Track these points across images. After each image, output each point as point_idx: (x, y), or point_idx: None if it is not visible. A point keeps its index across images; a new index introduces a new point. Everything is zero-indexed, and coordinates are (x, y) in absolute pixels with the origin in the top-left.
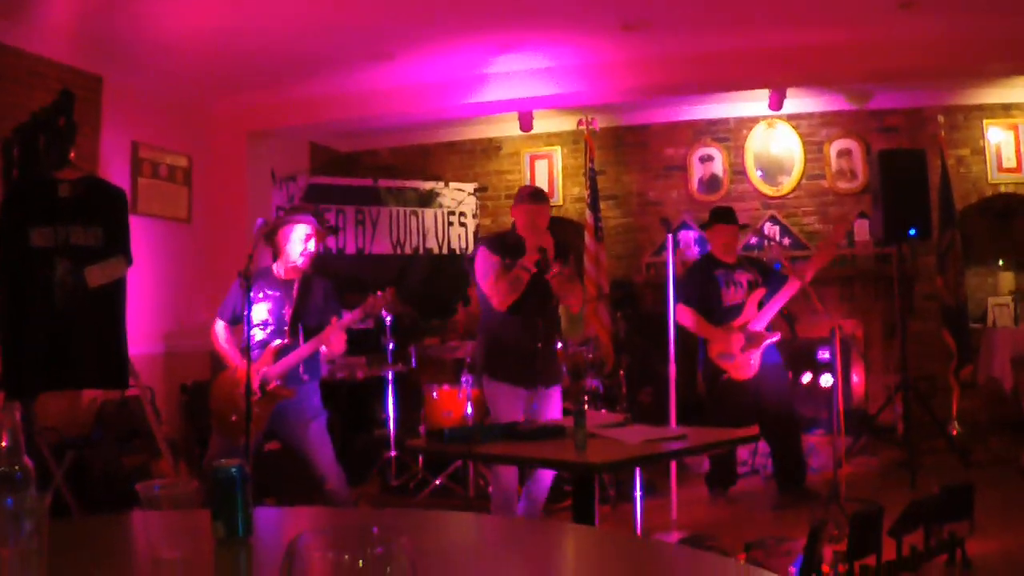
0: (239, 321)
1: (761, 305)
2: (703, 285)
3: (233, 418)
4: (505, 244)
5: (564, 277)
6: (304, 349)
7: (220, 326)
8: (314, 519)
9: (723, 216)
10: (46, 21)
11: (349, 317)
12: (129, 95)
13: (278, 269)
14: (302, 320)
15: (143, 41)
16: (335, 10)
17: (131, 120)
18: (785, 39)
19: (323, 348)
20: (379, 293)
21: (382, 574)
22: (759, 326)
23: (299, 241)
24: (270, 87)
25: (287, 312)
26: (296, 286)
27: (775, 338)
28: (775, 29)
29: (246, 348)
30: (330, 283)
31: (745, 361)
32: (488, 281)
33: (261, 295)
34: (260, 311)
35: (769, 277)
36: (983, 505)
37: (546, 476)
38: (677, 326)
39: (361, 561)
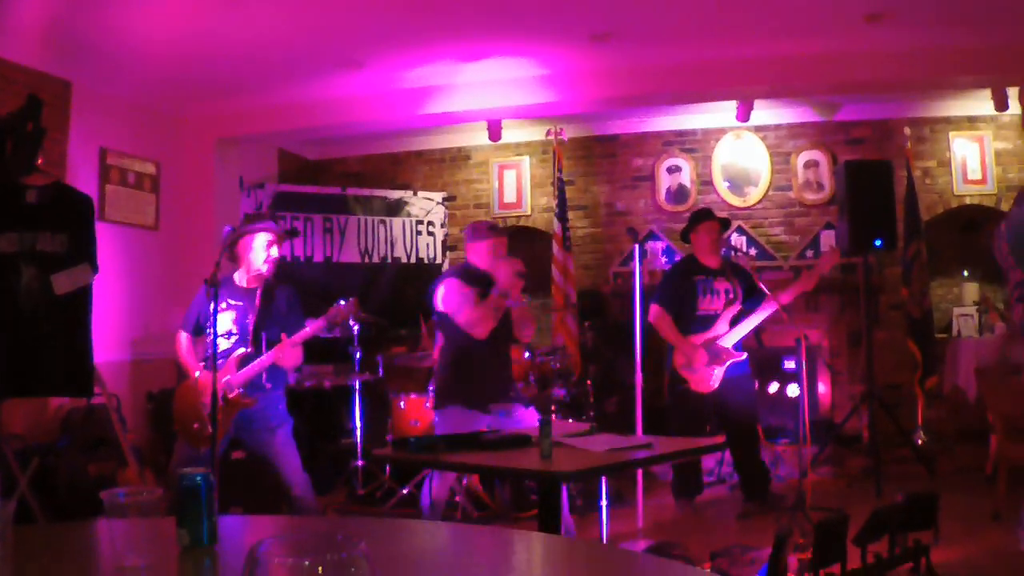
0: (202, 331)
1: (734, 322)
2: (680, 289)
3: (195, 426)
4: (472, 277)
5: (526, 307)
6: (266, 358)
7: (183, 336)
8: (278, 527)
9: (704, 215)
10: (15, 25)
11: (313, 326)
12: (97, 101)
13: (240, 278)
14: (265, 329)
15: (112, 47)
16: (304, 18)
17: (99, 126)
18: (753, 51)
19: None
20: (342, 302)
21: None
22: (728, 343)
23: (261, 248)
24: (239, 94)
25: (251, 321)
26: (259, 294)
27: (740, 357)
28: (743, 41)
29: (211, 357)
30: (293, 290)
31: (706, 376)
32: (467, 312)
33: (225, 304)
34: (224, 320)
35: (750, 293)
36: (948, 514)
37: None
38: (646, 329)
39: (321, 567)
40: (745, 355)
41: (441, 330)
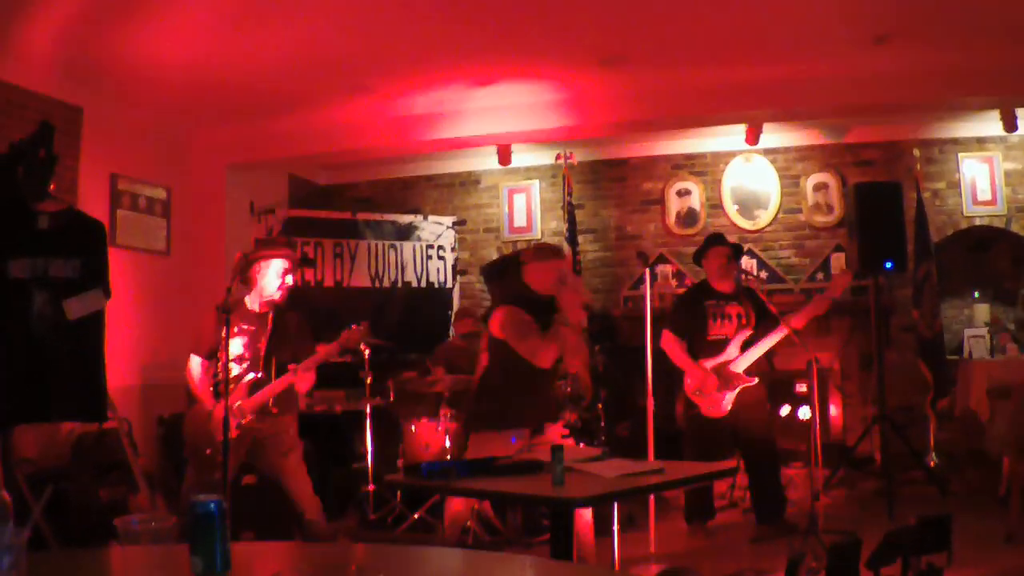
0: (215, 356)
1: (746, 346)
2: (691, 314)
3: (208, 451)
4: (530, 303)
5: (583, 337)
6: (278, 383)
7: (196, 363)
8: (292, 554)
9: (715, 240)
10: (27, 51)
11: (325, 351)
12: (109, 127)
13: (252, 303)
14: (276, 354)
15: (124, 73)
16: (315, 43)
17: (111, 152)
18: (761, 74)
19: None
20: (354, 327)
21: None
22: (740, 367)
23: (276, 276)
24: (249, 120)
25: (262, 346)
26: (270, 319)
27: (751, 382)
28: (751, 64)
29: (223, 382)
30: (303, 318)
31: (718, 400)
32: (532, 342)
33: (236, 329)
34: (235, 345)
35: (762, 317)
36: (961, 536)
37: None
38: (657, 354)
39: None
40: (756, 380)
41: (490, 353)
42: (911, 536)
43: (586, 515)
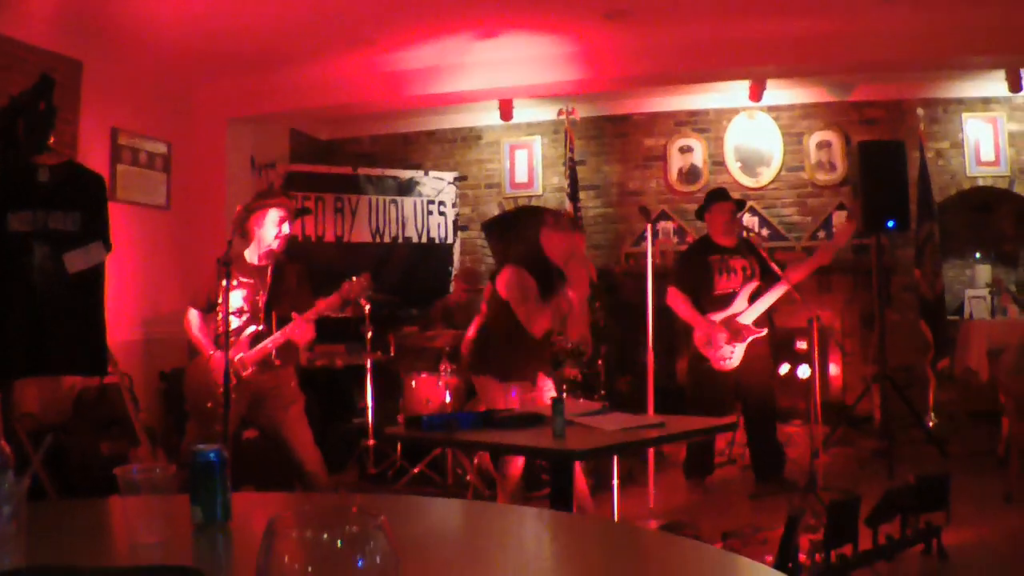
0: (212, 309)
1: (753, 299)
2: (696, 270)
3: (209, 404)
4: (538, 267)
5: (585, 312)
6: (279, 336)
7: (193, 314)
8: (293, 504)
9: (718, 195)
10: (27, 5)
11: (326, 303)
12: (109, 81)
13: (251, 256)
14: (276, 306)
15: (124, 27)
16: None
17: (111, 106)
18: (766, 30)
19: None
20: (354, 279)
21: (362, 552)
22: (748, 319)
23: (272, 225)
24: (250, 74)
25: (261, 299)
26: (269, 272)
27: (761, 333)
28: (756, 20)
29: (223, 335)
30: (303, 268)
31: (727, 354)
32: (529, 307)
33: (236, 282)
34: (235, 298)
35: (763, 272)
36: (959, 495)
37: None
38: (659, 310)
39: (340, 540)
40: (766, 330)
41: (491, 307)
42: (910, 495)
43: (577, 467)
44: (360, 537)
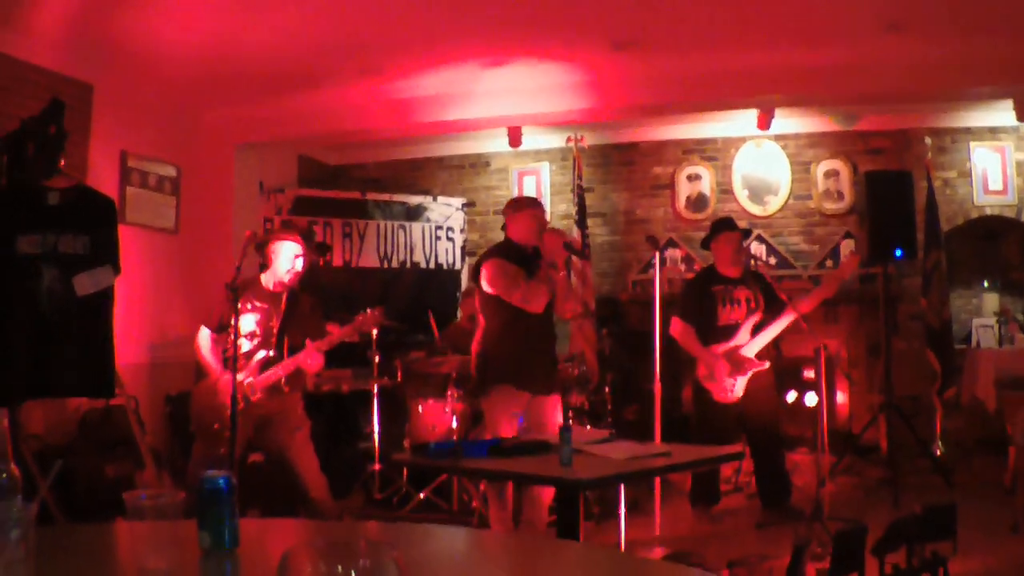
0: (225, 330)
1: (756, 330)
2: (700, 300)
3: (215, 426)
4: (515, 253)
5: (571, 278)
6: (290, 362)
7: (205, 334)
8: (301, 531)
9: (725, 225)
10: (38, 28)
11: (339, 333)
12: (119, 104)
13: (267, 281)
14: (288, 334)
15: (134, 51)
16: (325, 23)
17: (121, 129)
18: (774, 60)
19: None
20: (369, 311)
21: None
22: (750, 352)
23: (288, 259)
24: (259, 99)
25: (274, 325)
26: (284, 299)
27: (763, 366)
28: (764, 50)
29: (232, 358)
30: (317, 300)
31: (729, 386)
32: (520, 288)
33: (249, 306)
34: (248, 322)
35: (770, 302)
36: (966, 525)
37: (544, 497)
38: (666, 340)
39: (353, 572)
40: (767, 364)
41: (485, 312)
42: (916, 524)
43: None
44: (373, 571)
